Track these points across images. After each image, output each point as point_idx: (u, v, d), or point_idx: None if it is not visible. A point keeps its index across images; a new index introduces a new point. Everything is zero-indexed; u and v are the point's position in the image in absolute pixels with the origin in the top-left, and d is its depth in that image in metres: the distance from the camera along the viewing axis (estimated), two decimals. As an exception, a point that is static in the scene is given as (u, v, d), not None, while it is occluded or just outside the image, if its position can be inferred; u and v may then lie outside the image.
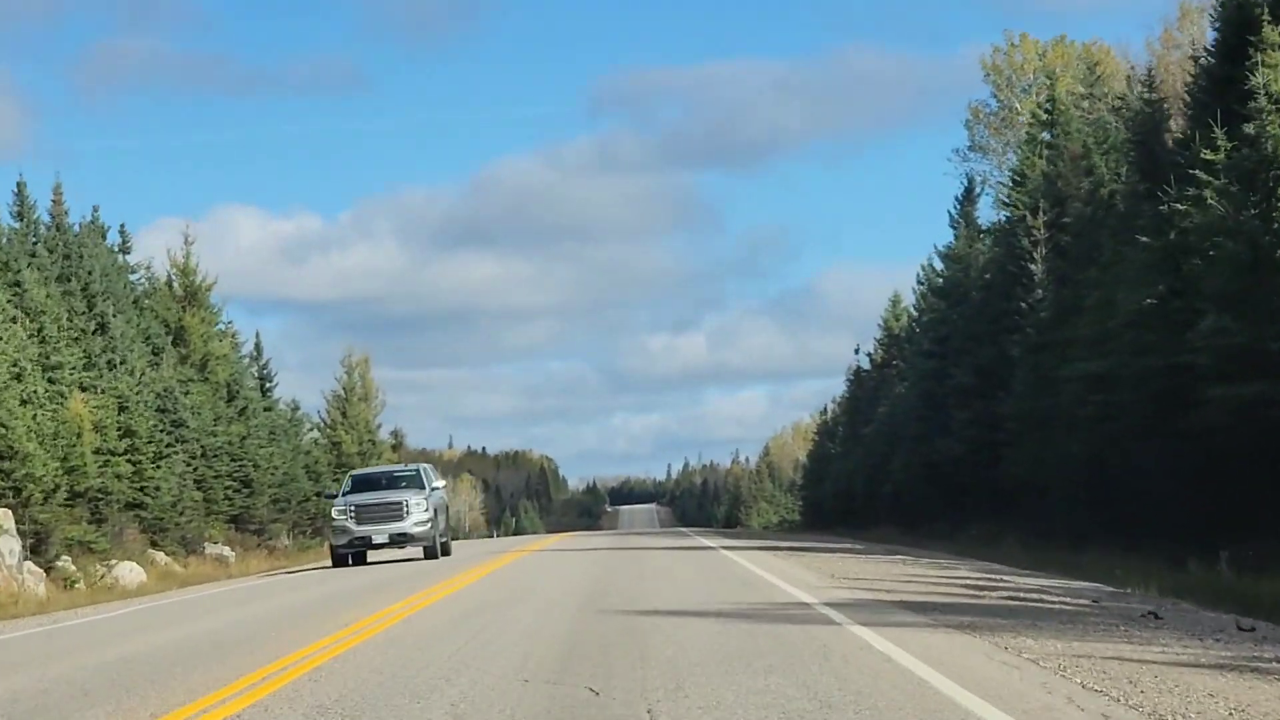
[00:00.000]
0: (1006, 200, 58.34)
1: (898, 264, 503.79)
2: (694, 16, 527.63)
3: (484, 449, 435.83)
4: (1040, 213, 52.19)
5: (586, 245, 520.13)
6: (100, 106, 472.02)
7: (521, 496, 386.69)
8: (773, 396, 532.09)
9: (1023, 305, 50.41)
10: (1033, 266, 50.86)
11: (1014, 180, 60.26)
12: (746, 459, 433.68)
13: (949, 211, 75.85)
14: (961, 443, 54.52)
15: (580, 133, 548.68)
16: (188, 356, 67.09)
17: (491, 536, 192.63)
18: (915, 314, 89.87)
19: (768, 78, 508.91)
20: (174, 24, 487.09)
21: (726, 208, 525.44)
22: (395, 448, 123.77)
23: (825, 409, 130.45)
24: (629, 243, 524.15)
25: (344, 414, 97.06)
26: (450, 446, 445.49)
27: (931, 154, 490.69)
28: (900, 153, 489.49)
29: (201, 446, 65.02)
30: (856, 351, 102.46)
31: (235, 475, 67.57)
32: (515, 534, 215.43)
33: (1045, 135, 57.63)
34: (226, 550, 62.17)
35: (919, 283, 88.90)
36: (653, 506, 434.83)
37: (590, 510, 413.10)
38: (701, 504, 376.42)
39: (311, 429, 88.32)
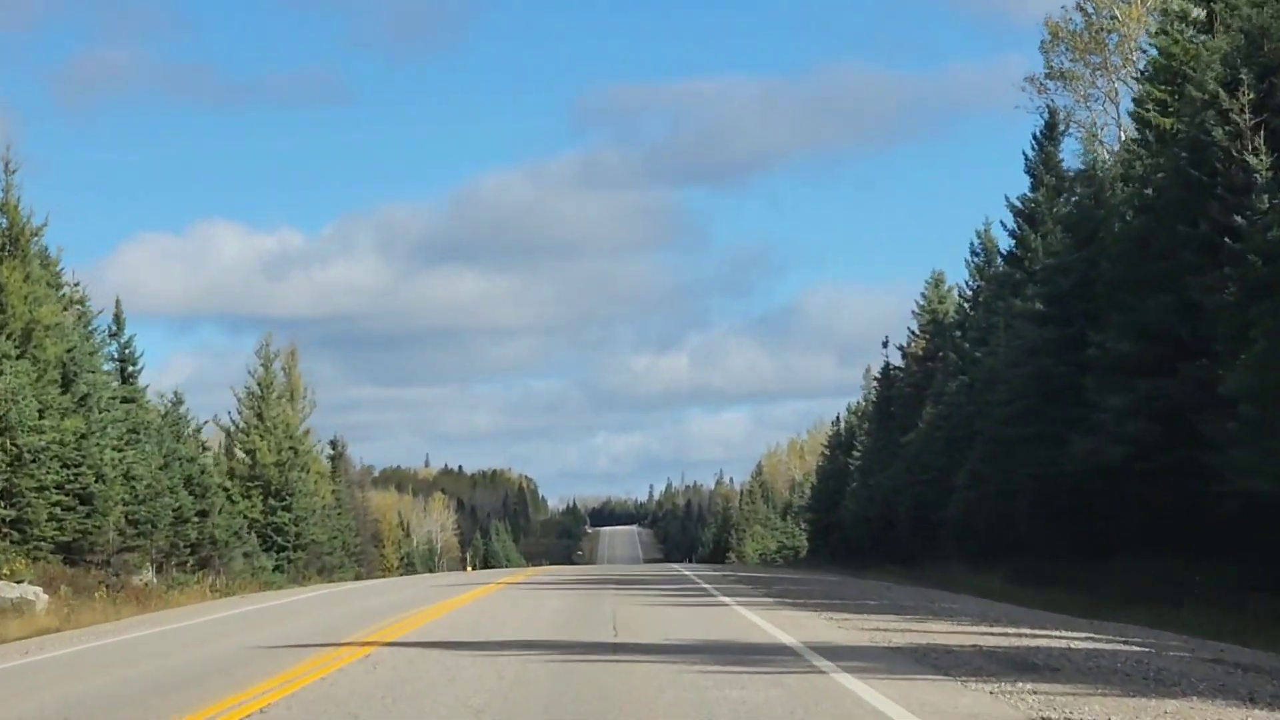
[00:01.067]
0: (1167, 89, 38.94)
1: (882, 283, 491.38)
2: (678, 32, 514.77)
3: (460, 467, 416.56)
4: (1243, 90, 33.10)
5: (570, 262, 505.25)
6: (79, 116, 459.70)
7: (498, 517, 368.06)
8: (756, 417, 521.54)
9: (1236, 221, 31.06)
10: (1251, 161, 31.49)
11: (1155, 70, 41.51)
12: (731, 479, 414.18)
13: (1024, 154, 58.25)
14: (1119, 443, 34.83)
15: (564, 149, 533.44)
16: (2, 325, 47.76)
17: (464, 567, 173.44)
18: (970, 292, 71.06)
19: (753, 94, 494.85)
20: (154, 34, 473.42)
21: (711, 225, 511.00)
22: (335, 459, 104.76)
23: (837, 418, 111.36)
24: (613, 260, 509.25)
25: (259, 415, 77.49)
26: (427, 465, 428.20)
27: (919, 171, 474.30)
28: (886, 170, 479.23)
29: (16, 446, 45.76)
30: (885, 345, 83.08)
31: (67, 487, 48.26)
32: (484, 564, 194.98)
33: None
34: (34, 593, 42.67)
35: (973, 254, 70.24)
36: (634, 529, 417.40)
37: (570, 531, 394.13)
38: (686, 527, 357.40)
39: (198, 429, 68.52)
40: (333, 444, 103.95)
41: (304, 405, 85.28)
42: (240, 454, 77.06)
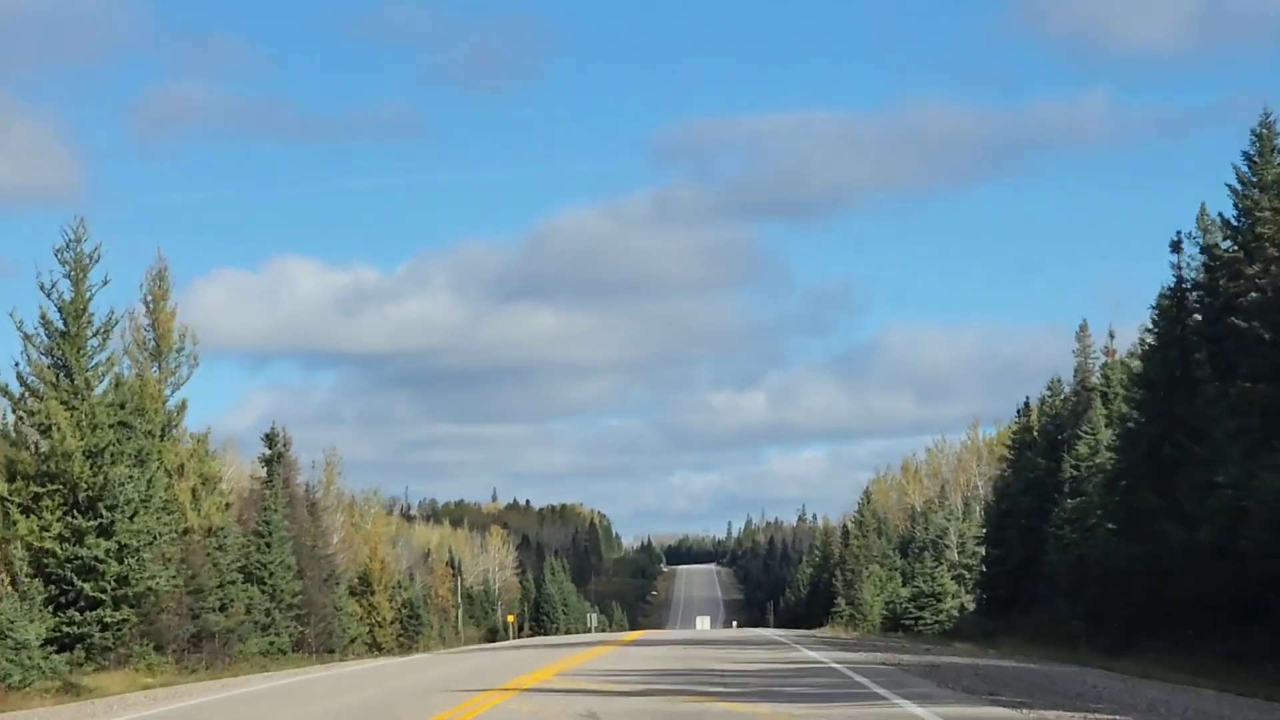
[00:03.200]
0: None
1: (962, 321, 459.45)
2: (755, 66, 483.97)
3: (528, 502, 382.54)
4: None
5: (646, 299, 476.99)
6: (155, 151, 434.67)
7: (566, 554, 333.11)
8: (835, 456, 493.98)
9: None
10: None
11: None
12: (814, 516, 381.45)
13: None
14: None
15: (640, 185, 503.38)
16: None
17: (491, 635, 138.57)
18: None
19: (832, 129, 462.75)
20: (231, 67, 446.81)
21: (790, 262, 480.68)
22: (272, 462, 69.63)
23: (1022, 409, 75.05)
24: (690, 297, 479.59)
25: (64, 368, 42.33)
26: (494, 499, 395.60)
27: (1001, 207, 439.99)
28: (968, 207, 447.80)
29: None
30: (1177, 246, 45.91)
31: None
32: (534, 616, 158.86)
33: None
34: None
35: None
36: (713, 568, 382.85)
37: (644, 570, 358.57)
38: (768, 566, 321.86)
39: None
40: (269, 438, 68.52)
41: (179, 360, 50.20)
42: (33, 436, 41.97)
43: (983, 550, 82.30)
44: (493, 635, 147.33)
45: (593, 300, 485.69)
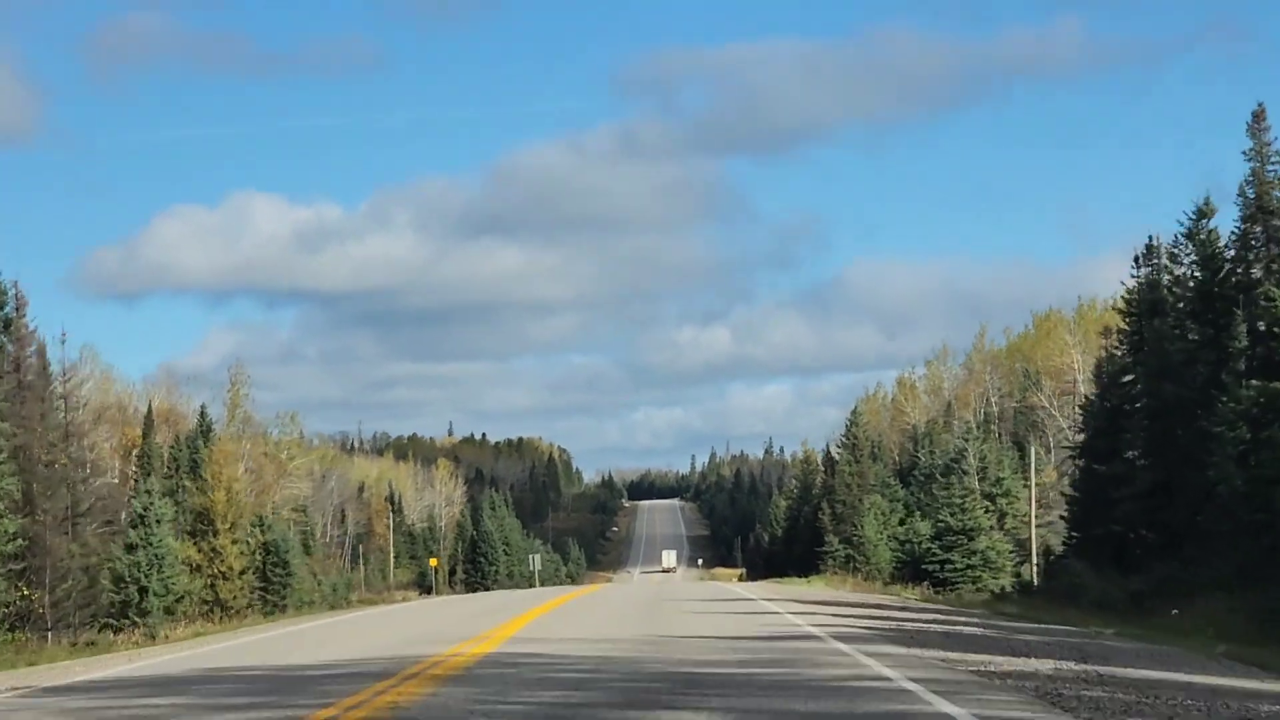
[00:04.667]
0: None
1: (930, 255, 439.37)
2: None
3: (484, 435, 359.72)
4: None
5: (611, 236, 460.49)
6: (109, 87, 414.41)
7: (523, 489, 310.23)
8: (799, 390, 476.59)
9: None
10: None
11: None
12: (782, 449, 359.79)
13: None
14: None
15: (604, 120, 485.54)
16: None
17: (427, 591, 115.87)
18: None
19: (798, 58, 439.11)
20: (188, 1, 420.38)
21: (756, 196, 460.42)
22: None
23: (1143, 255, 51.27)
24: (655, 233, 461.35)
25: None
26: (450, 434, 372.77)
27: (970, 138, 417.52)
28: (936, 138, 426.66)
29: None
30: None
31: None
32: (469, 559, 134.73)
33: None
34: None
35: None
36: (676, 503, 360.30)
37: (605, 506, 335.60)
38: (735, 499, 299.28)
39: None
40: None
41: None
42: None
43: (1069, 468, 59.59)
44: (423, 581, 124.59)
45: (556, 237, 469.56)
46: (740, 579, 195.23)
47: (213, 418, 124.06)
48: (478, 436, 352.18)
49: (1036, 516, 77.51)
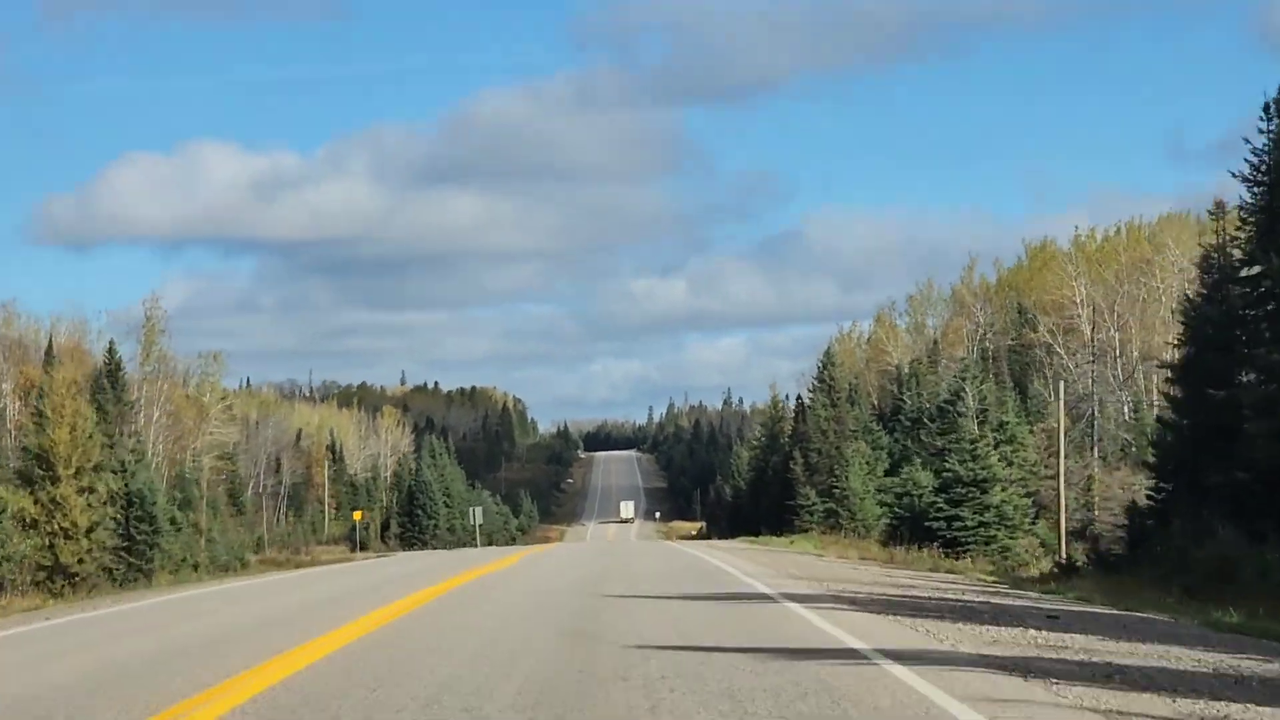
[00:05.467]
0: None
1: (890, 207, 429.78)
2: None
3: (436, 384, 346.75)
4: None
5: (569, 186, 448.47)
6: (64, 33, 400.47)
7: (475, 439, 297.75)
8: (756, 343, 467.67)
9: None
10: None
11: None
12: (741, 400, 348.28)
13: None
14: None
15: (561, 69, 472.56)
16: None
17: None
18: None
19: (756, 9, 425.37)
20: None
21: (714, 148, 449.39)
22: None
23: (1268, 148, 38.96)
24: (613, 184, 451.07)
25: None
26: (402, 382, 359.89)
27: (929, 89, 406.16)
28: (895, 89, 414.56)
29: None
30: None
31: None
32: (407, 510, 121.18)
33: None
34: None
35: None
36: (633, 454, 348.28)
37: (560, 457, 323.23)
38: (693, 450, 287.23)
39: None
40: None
41: None
42: None
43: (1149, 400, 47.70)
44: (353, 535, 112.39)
45: (514, 186, 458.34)
46: (699, 533, 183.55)
47: (125, 357, 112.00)
48: (430, 386, 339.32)
49: (1049, 468, 65.89)
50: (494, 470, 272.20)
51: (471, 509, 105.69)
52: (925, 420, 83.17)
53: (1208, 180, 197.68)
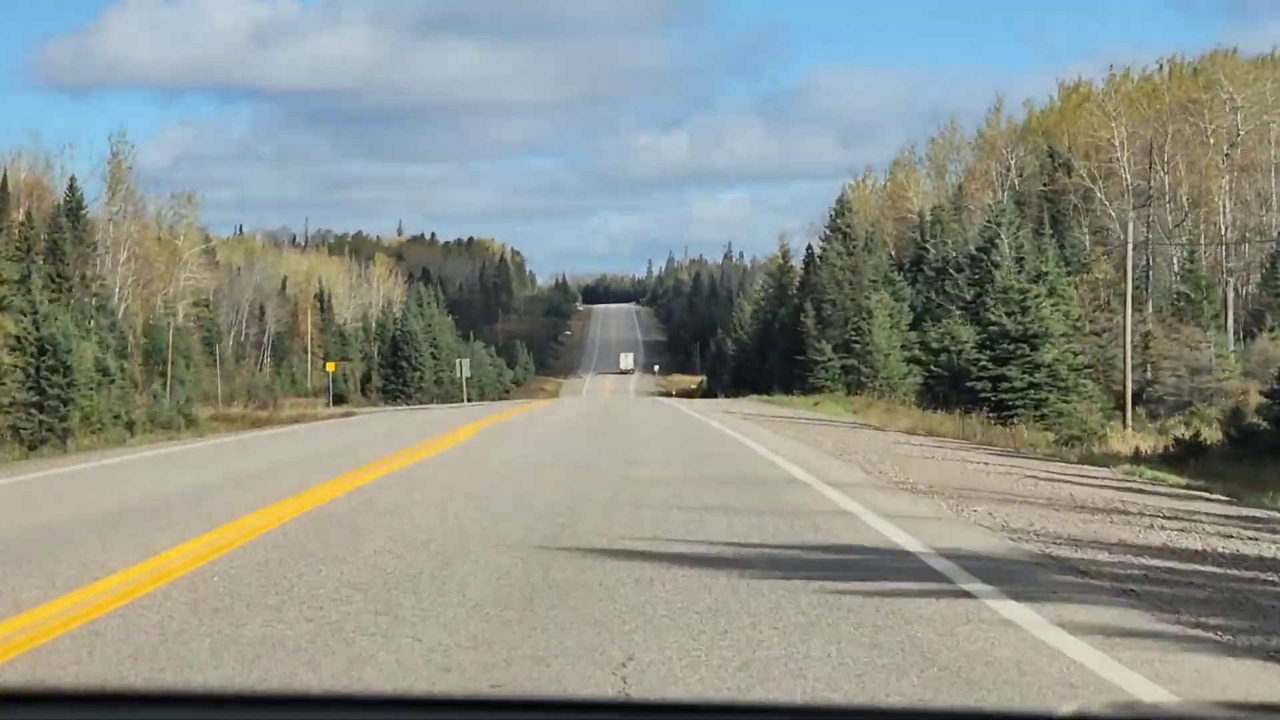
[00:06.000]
0: None
1: (894, 65, 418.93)
2: None
3: (433, 235, 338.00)
4: None
5: (571, 38, 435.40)
6: None
7: (473, 291, 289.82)
8: (757, 199, 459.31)
9: None
10: None
11: None
12: (742, 254, 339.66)
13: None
14: None
15: None
16: None
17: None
18: None
19: None
20: None
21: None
22: None
23: None
24: (615, 35, 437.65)
25: None
26: (399, 233, 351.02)
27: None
28: None
29: None
30: None
31: None
32: (390, 363, 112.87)
33: None
34: None
35: None
36: (632, 307, 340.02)
37: (558, 309, 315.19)
38: (693, 304, 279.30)
39: None
40: None
41: None
42: None
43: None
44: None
45: (516, 37, 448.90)
46: (699, 387, 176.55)
47: (89, 195, 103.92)
48: (427, 237, 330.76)
49: (1093, 323, 58.34)
50: (491, 322, 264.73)
51: (458, 360, 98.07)
52: (951, 270, 75.38)
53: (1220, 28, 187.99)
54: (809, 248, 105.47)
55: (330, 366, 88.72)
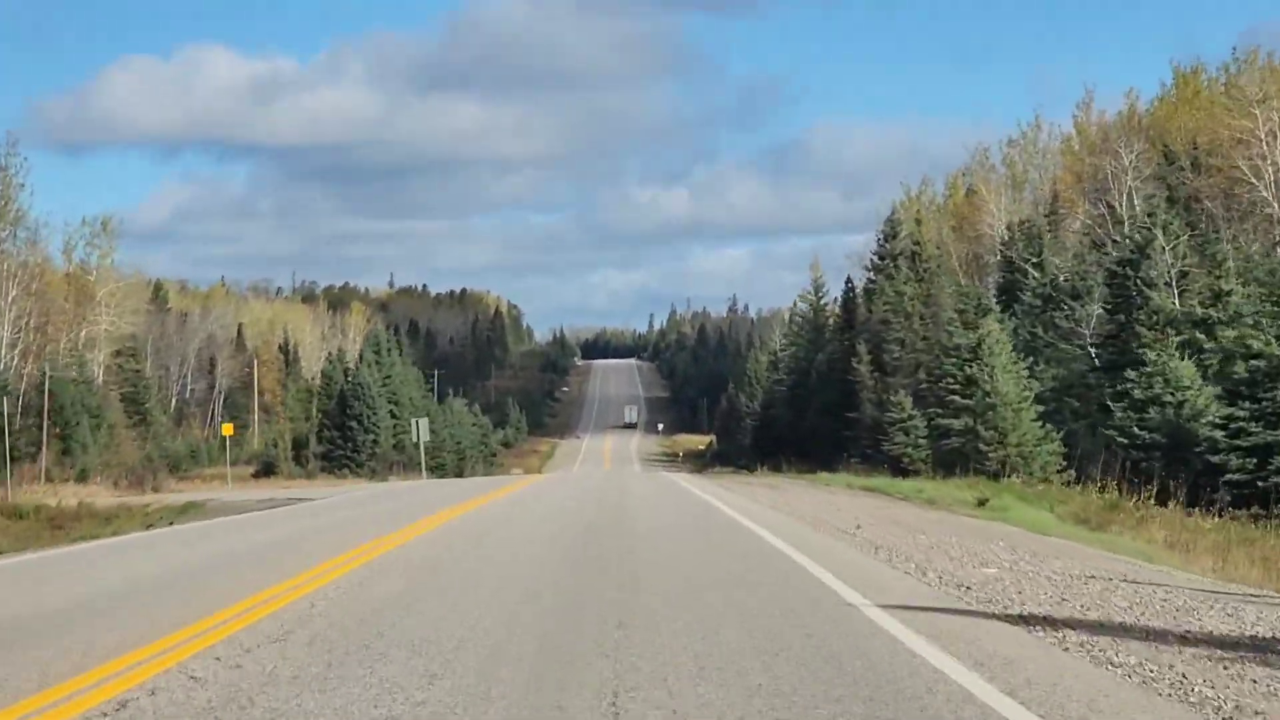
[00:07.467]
0: None
1: (894, 116, 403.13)
2: None
3: (425, 286, 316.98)
4: None
5: (572, 92, 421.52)
6: None
7: (464, 345, 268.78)
8: (760, 254, 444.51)
9: None
10: None
11: None
12: (746, 307, 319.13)
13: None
14: None
15: None
16: None
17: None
18: None
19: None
20: None
21: (720, 53, 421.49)
22: None
23: None
24: (617, 90, 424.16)
25: None
26: (391, 285, 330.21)
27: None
28: None
29: None
30: None
31: None
32: (336, 421, 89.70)
33: None
34: None
35: None
36: (633, 362, 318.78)
37: (556, 365, 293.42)
38: (698, 357, 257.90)
39: None
40: None
41: None
42: None
43: None
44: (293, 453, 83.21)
45: (516, 92, 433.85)
46: (709, 449, 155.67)
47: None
48: (418, 289, 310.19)
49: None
50: (483, 378, 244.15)
51: (415, 421, 76.95)
52: (1064, 300, 54.60)
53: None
54: (847, 281, 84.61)
55: (227, 429, 67.58)
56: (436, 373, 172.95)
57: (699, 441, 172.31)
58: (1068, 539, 19.18)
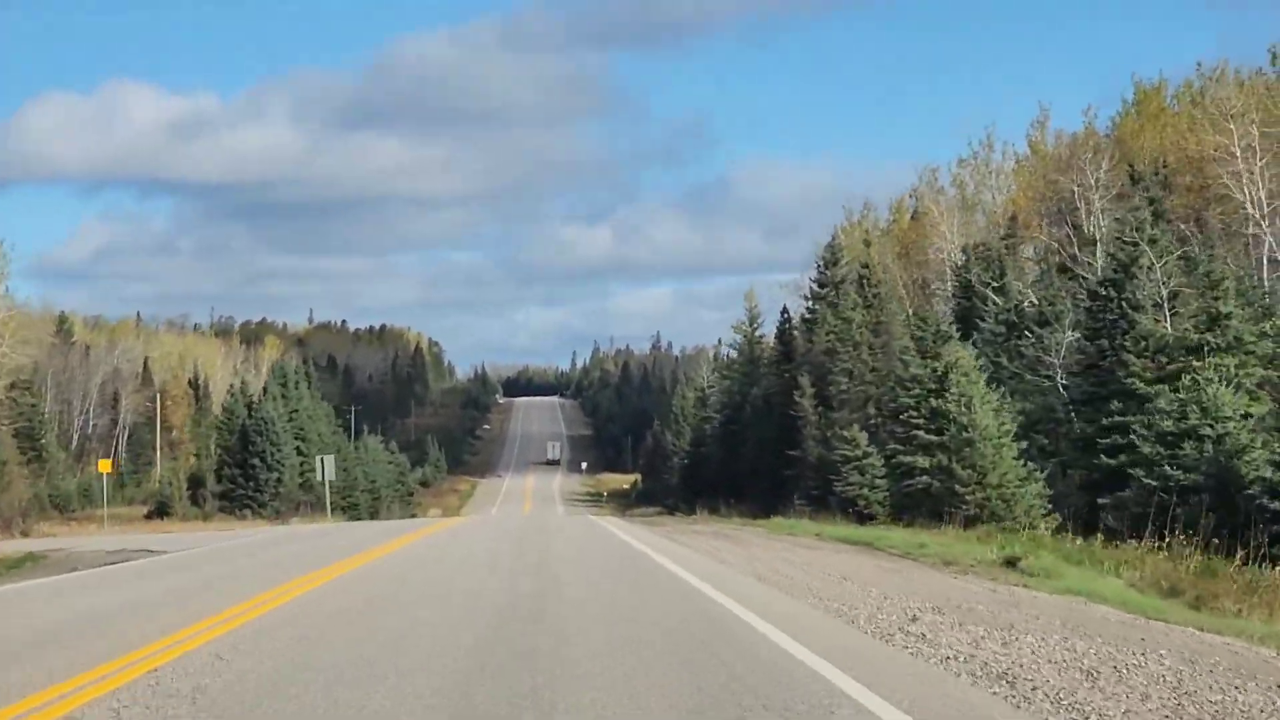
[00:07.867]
0: None
1: (817, 155, 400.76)
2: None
3: (343, 322, 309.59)
4: None
5: (494, 131, 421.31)
6: None
7: (383, 381, 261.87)
8: (683, 294, 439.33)
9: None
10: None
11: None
12: (669, 344, 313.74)
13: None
14: None
15: (485, 10, 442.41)
16: None
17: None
18: None
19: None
20: None
21: (643, 93, 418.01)
22: None
23: None
24: (540, 128, 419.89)
25: None
26: (310, 321, 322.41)
27: (860, 36, 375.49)
28: (826, 36, 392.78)
29: None
30: None
31: None
32: (237, 459, 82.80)
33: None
34: None
35: None
36: (555, 400, 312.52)
37: (477, 402, 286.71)
38: (622, 395, 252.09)
39: None
40: None
41: None
42: None
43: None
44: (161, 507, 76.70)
45: (438, 130, 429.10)
46: (634, 489, 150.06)
47: None
48: (337, 324, 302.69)
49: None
50: (403, 415, 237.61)
51: (319, 458, 70.91)
52: (1028, 324, 49.58)
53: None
54: (783, 311, 79.21)
55: (104, 465, 61.26)
56: (354, 409, 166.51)
57: (624, 480, 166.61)
58: (1190, 627, 13.49)
